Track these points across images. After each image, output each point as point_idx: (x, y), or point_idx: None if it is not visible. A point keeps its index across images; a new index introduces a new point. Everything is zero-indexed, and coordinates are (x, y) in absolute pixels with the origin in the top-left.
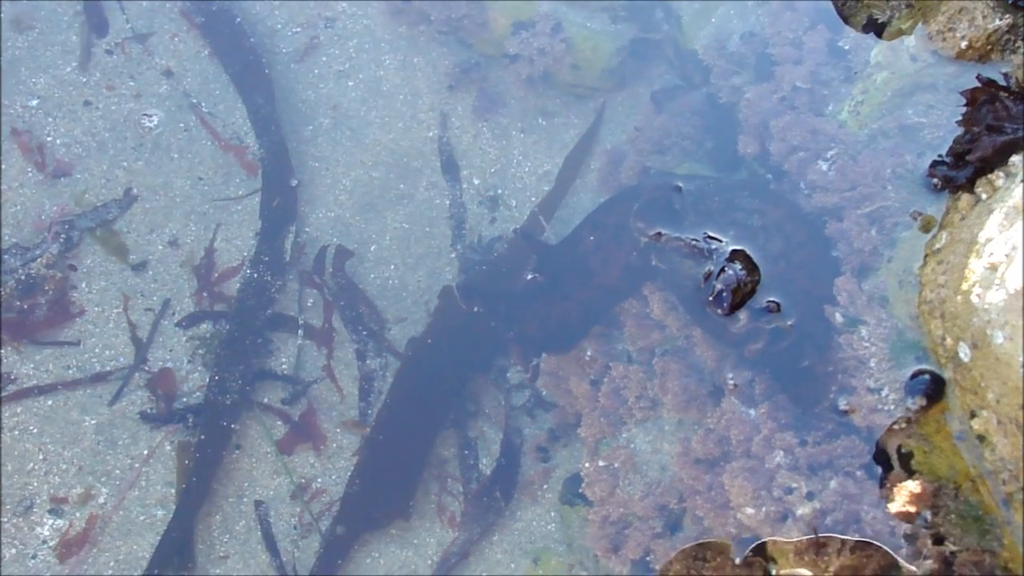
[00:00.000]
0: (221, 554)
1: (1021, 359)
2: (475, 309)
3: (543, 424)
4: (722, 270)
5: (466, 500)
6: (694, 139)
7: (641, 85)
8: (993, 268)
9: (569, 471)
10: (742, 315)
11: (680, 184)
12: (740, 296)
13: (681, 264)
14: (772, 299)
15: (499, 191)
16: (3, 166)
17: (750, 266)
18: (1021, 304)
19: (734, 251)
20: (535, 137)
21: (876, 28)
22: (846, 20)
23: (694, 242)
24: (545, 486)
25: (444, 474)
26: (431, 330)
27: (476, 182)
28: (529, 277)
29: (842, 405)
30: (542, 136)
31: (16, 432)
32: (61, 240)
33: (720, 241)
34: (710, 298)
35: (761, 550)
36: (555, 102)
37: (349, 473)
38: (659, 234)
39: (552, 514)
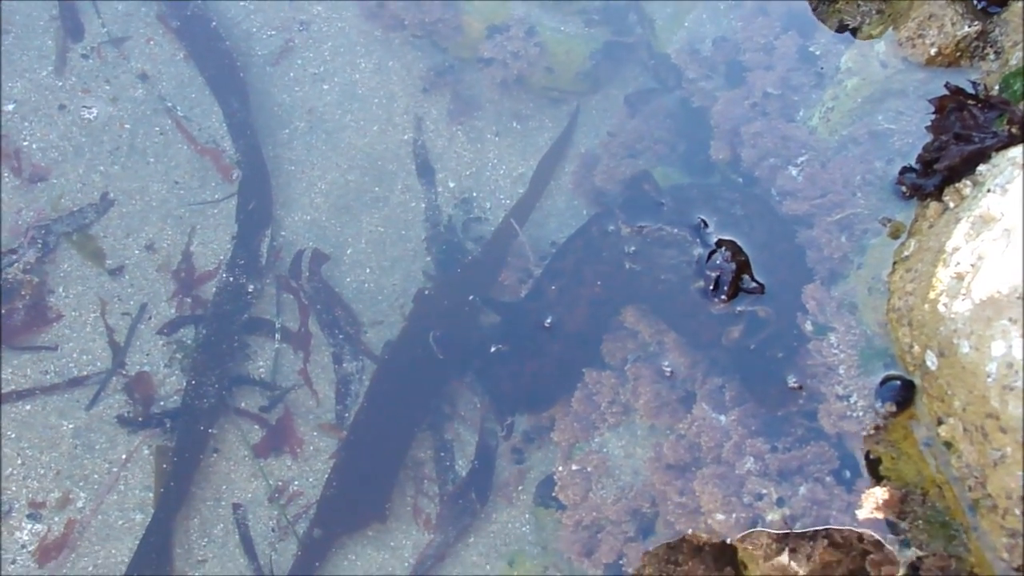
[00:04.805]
0: (199, 558)
1: (986, 368)
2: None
3: (517, 426)
4: (711, 254)
5: (442, 502)
6: (667, 143)
7: (615, 88)
8: (959, 278)
9: (544, 473)
10: (722, 301)
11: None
12: (734, 284)
13: (661, 256)
14: (756, 280)
15: (474, 194)
16: None
17: (736, 249)
18: (986, 314)
19: (720, 239)
20: (509, 140)
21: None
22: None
23: (677, 231)
24: (520, 487)
25: (420, 476)
26: (407, 333)
27: (451, 185)
28: (493, 349)
29: (791, 383)
30: (516, 139)
31: None
32: (38, 245)
33: (707, 227)
34: (710, 288)
35: (732, 553)
36: (529, 105)
37: (326, 476)
38: (642, 227)
39: (527, 516)
